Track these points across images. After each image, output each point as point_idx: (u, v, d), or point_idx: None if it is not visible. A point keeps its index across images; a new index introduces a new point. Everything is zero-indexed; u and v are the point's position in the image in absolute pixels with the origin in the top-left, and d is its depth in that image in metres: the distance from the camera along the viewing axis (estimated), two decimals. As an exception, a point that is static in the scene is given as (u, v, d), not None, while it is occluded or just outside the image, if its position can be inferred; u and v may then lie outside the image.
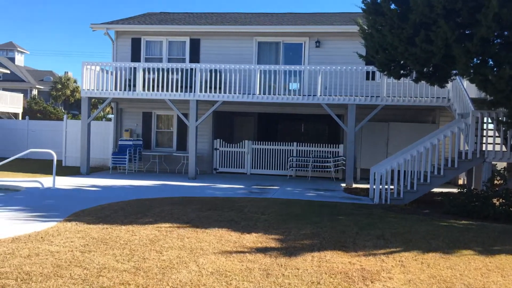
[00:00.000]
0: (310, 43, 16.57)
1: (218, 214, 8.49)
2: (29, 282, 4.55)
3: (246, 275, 5.00)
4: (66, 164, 18.17)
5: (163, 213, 8.42)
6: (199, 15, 19.72)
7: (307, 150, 16.44)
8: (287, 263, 5.48)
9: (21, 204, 9.06)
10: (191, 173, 14.86)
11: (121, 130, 17.58)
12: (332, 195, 11.91)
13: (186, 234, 6.80)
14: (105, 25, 17.25)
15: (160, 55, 17.34)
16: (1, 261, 5.15)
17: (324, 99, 14.42)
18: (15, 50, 48.59)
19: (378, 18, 9.93)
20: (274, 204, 9.93)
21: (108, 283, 4.60)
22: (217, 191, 11.90)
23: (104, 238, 6.39)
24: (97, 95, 15.47)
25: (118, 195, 10.68)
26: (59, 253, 5.56)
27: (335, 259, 5.71)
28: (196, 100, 14.85)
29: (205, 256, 5.68)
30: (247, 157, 16.79)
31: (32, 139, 21.27)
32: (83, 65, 15.19)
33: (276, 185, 13.71)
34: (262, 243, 6.44)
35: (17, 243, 5.96)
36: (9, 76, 40.00)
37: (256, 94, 14.81)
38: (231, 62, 15.94)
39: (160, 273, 4.98)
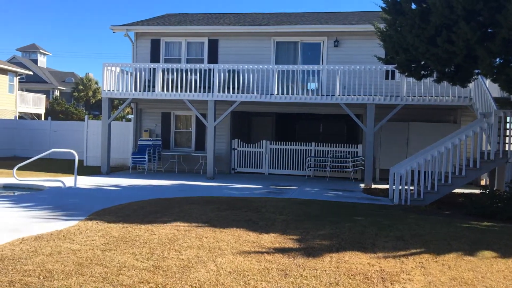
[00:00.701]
0: (329, 42, 16.48)
1: (236, 214, 8.52)
2: (51, 279, 4.64)
3: (264, 275, 5.00)
4: (87, 163, 18.47)
5: (181, 212, 8.49)
6: (217, 15, 19.82)
7: (325, 150, 16.36)
8: (305, 264, 5.46)
9: (44, 203, 9.25)
10: (209, 173, 14.93)
11: (141, 130, 17.78)
12: (350, 195, 11.82)
13: (205, 233, 6.84)
14: (125, 26, 17.47)
15: (179, 56, 17.48)
16: (25, 259, 5.27)
17: (342, 98, 14.32)
18: (37, 52, 49.63)
19: (398, 17, 9.82)
20: (292, 204, 9.90)
21: (128, 282, 4.66)
22: (235, 191, 11.93)
23: (124, 237, 6.48)
24: (117, 96, 15.68)
25: (138, 194, 10.81)
26: (80, 252, 5.66)
27: (354, 260, 5.67)
28: (214, 101, 14.92)
29: (223, 255, 5.71)
30: (265, 157, 16.79)
31: (54, 139, 21.70)
32: (103, 66, 15.42)
33: (294, 185, 13.67)
34: (280, 243, 6.43)
35: (40, 241, 6.08)
36: (32, 78, 40.87)
37: (274, 94, 14.80)
38: (249, 62, 15.97)
39: (179, 272, 5.03)
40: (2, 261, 5.16)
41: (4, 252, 5.51)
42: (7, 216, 7.74)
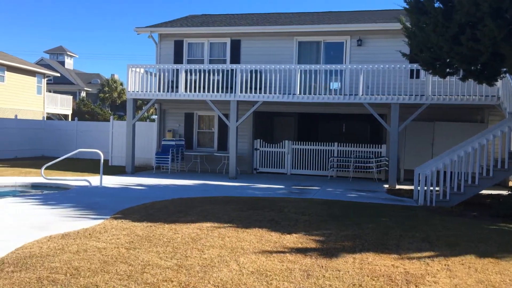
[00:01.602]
0: (352, 41, 16.33)
1: (259, 214, 8.53)
2: (77, 277, 4.74)
3: (286, 276, 4.99)
4: (112, 163, 18.81)
5: (204, 212, 8.56)
6: (239, 16, 19.90)
7: (348, 150, 16.22)
8: (327, 264, 5.43)
9: (70, 201, 9.47)
10: (231, 172, 15.00)
11: (164, 130, 18.00)
12: (374, 196, 11.69)
13: (227, 233, 6.87)
14: (149, 28, 17.72)
15: (201, 56, 17.62)
16: (52, 256, 5.41)
17: (366, 98, 14.17)
18: (64, 54, 50.80)
19: (422, 17, 9.66)
20: (315, 204, 9.86)
21: (152, 280, 4.72)
22: (257, 191, 11.95)
23: (148, 235, 6.57)
24: (141, 97, 15.91)
25: (161, 194, 10.94)
26: (105, 250, 5.76)
27: (378, 262, 5.61)
28: (236, 101, 14.97)
29: (245, 255, 5.72)
30: (287, 157, 16.76)
31: (80, 139, 22.18)
32: (128, 68, 15.67)
33: (316, 185, 13.60)
34: (303, 243, 6.41)
35: (67, 239, 6.23)
36: (59, 79, 41.87)
37: (296, 94, 14.75)
38: (271, 62, 15.98)
39: (201, 271, 5.07)
40: (31, 258, 5.31)
41: (33, 250, 5.66)
42: (36, 214, 7.95)
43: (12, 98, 27.10)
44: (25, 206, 8.78)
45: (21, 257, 5.34)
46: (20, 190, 12.04)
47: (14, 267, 4.96)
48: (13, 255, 5.42)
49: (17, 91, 27.62)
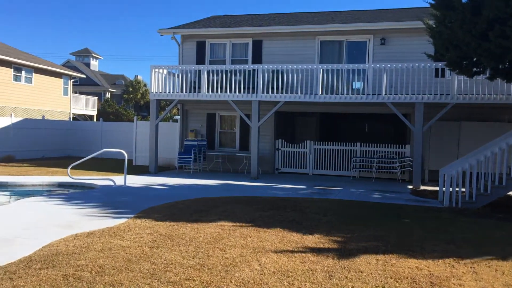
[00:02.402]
0: (375, 40, 16.14)
1: (280, 214, 8.52)
2: (102, 274, 4.83)
3: (308, 276, 4.97)
4: (136, 163, 19.09)
5: (226, 212, 8.60)
6: (261, 16, 19.92)
7: (371, 151, 16.03)
8: (350, 266, 5.38)
9: (95, 200, 9.65)
10: (253, 173, 15.02)
11: (187, 130, 18.16)
12: (398, 197, 11.52)
13: (249, 233, 6.89)
14: (172, 29, 17.91)
15: (223, 57, 17.71)
16: (78, 254, 5.52)
17: (389, 97, 13.98)
18: (90, 56, 51.82)
19: (448, 12, 9.47)
20: (337, 205, 9.79)
21: (175, 278, 4.77)
22: (279, 191, 11.94)
23: (171, 234, 6.64)
24: (164, 97, 16.09)
25: (184, 193, 11.04)
26: (129, 248, 5.85)
27: (401, 264, 5.53)
28: (258, 101, 14.99)
29: (267, 255, 5.72)
30: (309, 157, 16.68)
31: (105, 139, 22.60)
32: (151, 69, 15.88)
33: (338, 186, 13.50)
34: (325, 244, 6.37)
35: (92, 238, 6.35)
36: (85, 81, 42.74)
37: (318, 94, 14.67)
38: (293, 62, 15.94)
39: (223, 270, 5.09)
40: (57, 256, 5.44)
41: (59, 248, 5.80)
42: (62, 213, 8.14)
43: (39, 99, 27.80)
44: (52, 205, 9.00)
45: (48, 254, 5.47)
46: (47, 189, 12.34)
47: (42, 264, 5.09)
48: (41, 252, 5.56)
49: (44, 92, 28.32)
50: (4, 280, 4.54)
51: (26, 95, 26.66)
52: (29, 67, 26.87)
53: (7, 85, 25.29)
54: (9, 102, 25.25)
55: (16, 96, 25.82)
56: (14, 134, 20.24)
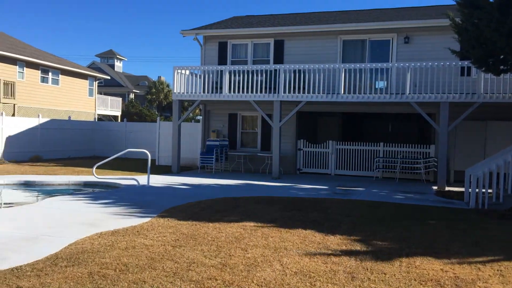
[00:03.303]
0: (398, 39, 15.92)
1: (302, 214, 8.49)
2: (126, 272, 4.91)
3: (330, 277, 4.94)
4: (159, 163, 19.32)
5: (247, 212, 8.62)
6: (283, 16, 19.89)
7: (394, 151, 15.81)
8: (373, 267, 5.32)
9: (120, 200, 9.81)
10: (274, 173, 15.01)
11: (209, 131, 18.28)
12: (422, 198, 11.33)
13: (270, 233, 6.89)
14: (194, 30, 18.06)
15: (245, 57, 17.75)
16: (102, 252, 5.63)
17: (413, 97, 13.76)
18: (114, 57, 52.71)
19: (475, 11, 9.26)
20: (359, 205, 9.69)
21: (197, 277, 4.81)
22: (300, 191, 11.90)
23: (193, 234, 6.70)
24: (186, 98, 16.24)
25: (206, 193, 11.12)
26: (152, 247, 5.93)
27: (426, 266, 5.43)
28: (279, 101, 14.97)
29: (289, 255, 5.71)
30: (331, 157, 16.57)
31: (129, 139, 22.96)
32: (174, 70, 16.05)
33: (361, 186, 13.36)
34: (347, 245, 6.32)
35: (116, 236, 6.46)
36: (109, 82, 43.49)
37: (340, 93, 14.55)
38: (315, 61, 15.85)
39: (245, 270, 5.11)
40: (83, 253, 5.55)
41: (84, 246, 5.92)
42: (87, 212, 8.31)
43: (66, 100, 28.44)
44: (78, 203, 9.19)
45: (74, 252, 5.59)
46: (73, 188, 12.61)
47: (68, 262, 5.21)
48: (67, 250, 5.69)
49: (70, 93, 28.95)
50: (32, 277, 4.66)
51: (53, 96, 27.32)
52: (56, 69, 27.51)
53: (35, 86, 25.97)
54: (37, 103, 25.92)
55: (43, 97, 26.49)
56: (41, 135, 20.76)
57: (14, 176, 13.59)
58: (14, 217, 7.73)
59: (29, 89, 25.45)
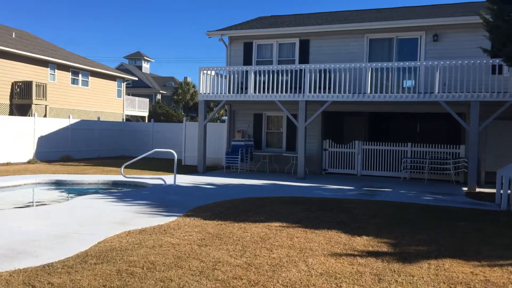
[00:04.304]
0: (427, 37, 15.61)
1: (327, 215, 8.43)
2: (153, 271, 4.99)
3: (356, 279, 4.89)
4: (185, 163, 19.53)
5: (273, 212, 8.62)
6: (308, 16, 19.80)
7: (423, 151, 15.51)
8: (400, 269, 5.24)
9: (147, 199, 9.97)
10: (300, 173, 14.95)
11: (234, 131, 18.37)
12: (451, 199, 11.08)
13: (296, 233, 6.87)
14: (220, 31, 18.18)
15: (270, 57, 17.76)
16: (130, 251, 5.73)
17: (442, 96, 13.47)
18: (142, 59, 53.59)
19: (506, 6, 9.00)
20: (386, 206, 9.55)
21: (223, 277, 4.84)
22: (326, 192, 11.81)
23: (219, 233, 6.75)
24: (212, 98, 16.36)
25: (231, 193, 11.18)
26: (179, 246, 6.01)
27: (455, 268, 5.31)
28: (305, 101, 14.91)
29: (314, 256, 5.69)
30: (358, 157, 16.38)
31: (156, 139, 23.31)
32: (200, 71, 16.19)
33: (388, 187, 13.16)
34: (373, 246, 6.24)
35: (144, 235, 6.57)
36: (137, 83, 44.25)
37: (367, 93, 14.37)
38: (341, 61, 15.72)
39: (270, 270, 5.11)
40: (111, 251, 5.67)
41: (113, 244, 6.04)
42: (116, 210, 8.48)
43: (95, 101, 29.10)
44: (106, 202, 9.39)
45: (103, 250, 5.72)
46: (102, 187, 12.89)
47: (97, 259, 5.33)
48: (96, 248, 5.82)
49: (99, 94, 29.61)
50: (62, 274, 4.80)
51: (82, 97, 27.99)
52: (86, 70, 28.18)
53: (65, 88, 26.67)
54: (67, 104, 26.61)
55: (73, 98, 27.19)
56: (72, 135, 21.30)
57: (46, 175, 13.99)
58: (47, 215, 7.96)
59: (60, 90, 26.16)
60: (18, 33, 27.37)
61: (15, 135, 18.47)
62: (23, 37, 27.39)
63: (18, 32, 27.83)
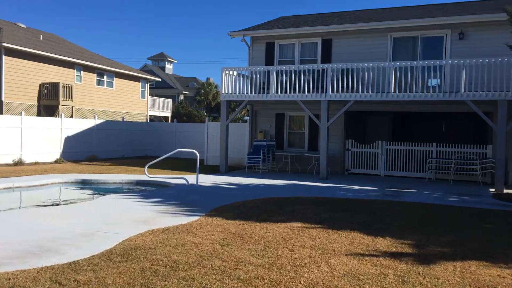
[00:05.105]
0: (453, 35, 15.30)
1: (350, 215, 8.36)
2: (176, 269, 5.04)
3: (380, 280, 4.83)
4: (207, 163, 19.66)
5: (294, 212, 8.59)
6: (331, 15, 19.66)
7: (448, 151, 15.20)
8: (425, 271, 5.15)
9: (170, 198, 10.08)
10: (322, 173, 14.86)
11: (256, 131, 18.38)
12: (478, 200, 10.82)
13: (318, 234, 6.83)
14: (242, 32, 18.23)
15: (292, 57, 17.71)
16: (154, 249, 5.81)
17: (469, 95, 13.18)
18: (165, 60, 54.21)
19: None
20: (411, 207, 9.40)
21: (245, 276, 4.86)
22: (348, 192, 11.71)
23: (241, 233, 6.77)
24: (234, 99, 16.42)
25: (253, 193, 11.19)
26: (201, 245, 6.05)
27: (481, 271, 5.19)
28: (327, 101, 14.81)
29: (336, 257, 5.64)
30: (381, 158, 16.18)
31: (179, 139, 23.54)
32: (222, 71, 16.27)
33: (412, 188, 12.96)
34: (397, 248, 6.15)
35: (167, 234, 6.65)
36: (160, 84, 44.78)
37: (390, 92, 14.18)
38: (364, 60, 15.56)
39: (292, 270, 5.10)
40: (135, 250, 5.76)
41: (137, 242, 6.13)
42: (139, 209, 8.60)
43: (119, 102, 29.59)
44: (130, 201, 9.54)
45: (127, 248, 5.81)
46: (126, 186, 13.10)
47: (121, 257, 5.42)
48: (120, 246, 5.92)
49: (124, 95, 30.09)
50: (88, 271, 4.90)
51: (107, 98, 28.51)
52: (111, 72, 28.68)
53: (91, 89, 27.21)
54: (92, 105, 27.14)
55: (98, 99, 27.71)
56: (97, 135, 21.71)
57: (72, 174, 14.30)
58: (73, 214, 8.14)
59: (86, 91, 26.71)
60: (45, 36, 28.07)
61: (43, 135, 18.95)
62: (50, 40, 28.07)
63: (46, 35, 28.54)
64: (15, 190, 11.72)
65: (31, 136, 18.46)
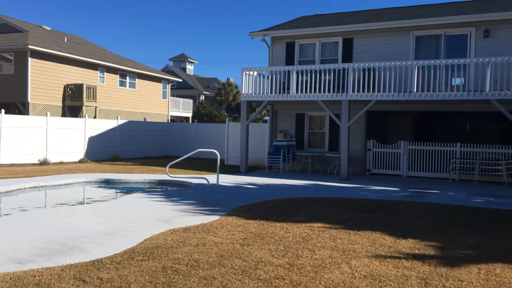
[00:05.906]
0: (477, 33, 14.98)
1: (371, 216, 8.27)
2: (197, 268, 5.08)
3: (402, 282, 4.77)
4: (227, 163, 19.74)
5: (315, 212, 8.55)
6: (351, 14, 19.50)
7: (473, 152, 14.89)
8: (448, 274, 5.06)
9: (190, 198, 10.16)
10: (343, 173, 14.75)
11: (276, 131, 18.37)
12: (504, 202, 10.57)
13: (338, 234, 6.79)
14: (262, 32, 18.24)
15: (312, 57, 17.62)
16: (175, 248, 5.86)
17: (494, 94, 12.89)
18: (186, 61, 54.69)
19: None
20: (433, 209, 9.25)
21: (265, 276, 4.86)
22: (370, 193, 11.59)
23: (261, 233, 6.77)
24: (254, 99, 16.44)
25: (273, 193, 11.19)
26: (222, 244, 6.08)
27: (507, 274, 5.07)
28: (348, 101, 14.68)
29: (357, 258, 5.59)
30: (403, 158, 15.96)
31: (199, 139, 23.71)
32: (242, 71, 16.31)
33: (435, 188, 12.74)
34: (420, 249, 6.06)
35: (188, 233, 6.70)
36: (181, 84, 45.16)
37: (413, 91, 13.97)
38: (385, 59, 15.38)
39: (312, 271, 5.08)
40: (157, 248, 5.82)
41: (158, 241, 6.20)
42: (161, 209, 8.70)
43: (141, 102, 29.98)
44: (152, 201, 9.65)
45: (148, 247, 5.89)
46: (148, 186, 13.26)
47: (143, 256, 5.49)
48: (142, 245, 6.00)
49: (146, 96, 30.48)
50: (111, 270, 4.98)
51: (130, 99, 28.92)
52: (133, 73, 29.09)
53: (114, 90, 27.66)
54: (115, 105, 27.58)
55: (121, 100, 28.14)
56: (120, 135, 22.05)
57: (95, 174, 14.56)
58: (96, 213, 8.29)
59: (109, 92, 27.16)
60: (69, 38, 28.66)
61: (67, 135, 19.35)
62: (75, 42, 28.64)
63: (70, 37, 29.13)
64: (41, 189, 12.00)
65: (56, 136, 18.87)
